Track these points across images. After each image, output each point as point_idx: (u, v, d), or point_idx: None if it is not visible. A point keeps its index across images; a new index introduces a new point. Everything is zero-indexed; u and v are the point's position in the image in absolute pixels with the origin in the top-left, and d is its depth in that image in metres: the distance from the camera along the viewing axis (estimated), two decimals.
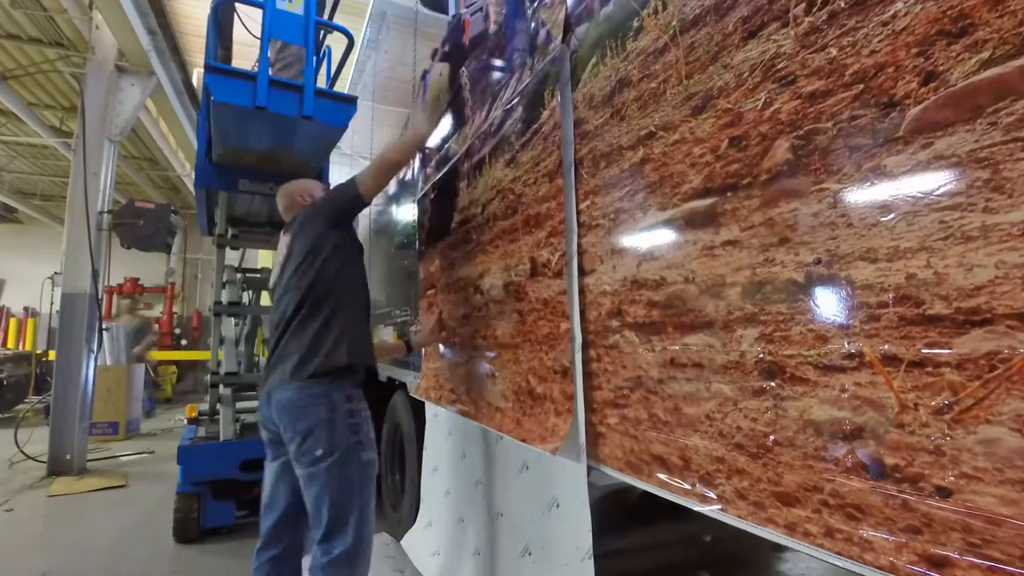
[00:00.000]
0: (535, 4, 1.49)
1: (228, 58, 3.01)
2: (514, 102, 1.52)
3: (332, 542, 1.33)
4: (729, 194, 0.81)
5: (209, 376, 3.09)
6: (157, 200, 7.28)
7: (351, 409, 1.44)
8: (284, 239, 1.67)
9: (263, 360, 3.88)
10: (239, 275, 3.58)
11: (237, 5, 2.49)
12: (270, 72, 2.26)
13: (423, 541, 2.01)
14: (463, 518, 1.76)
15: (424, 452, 2.16)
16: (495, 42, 1.77)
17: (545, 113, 1.33)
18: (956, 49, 0.54)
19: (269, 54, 2.27)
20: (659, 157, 0.96)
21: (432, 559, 1.88)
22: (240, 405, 3.28)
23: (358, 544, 1.34)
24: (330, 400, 1.41)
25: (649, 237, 0.98)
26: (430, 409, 2.12)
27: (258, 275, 3.92)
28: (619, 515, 1.53)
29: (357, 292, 1.61)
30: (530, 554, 1.37)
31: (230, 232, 3.25)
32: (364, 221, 3.73)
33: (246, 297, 4.07)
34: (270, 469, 1.55)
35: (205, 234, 3.24)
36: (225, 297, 3.22)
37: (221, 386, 3.01)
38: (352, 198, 1.58)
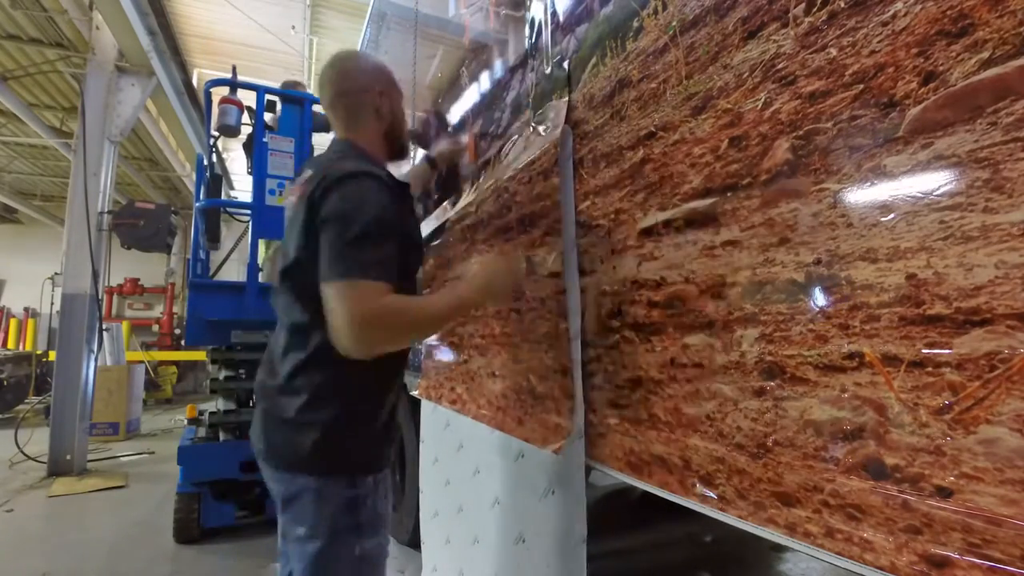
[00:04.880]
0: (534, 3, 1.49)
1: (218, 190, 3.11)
2: (519, 104, 1.52)
3: None
4: (729, 194, 0.81)
5: (209, 382, 3.10)
6: (157, 200, 7.30)
7: (354, 492, 1.00)
8: (296, 191, 1.07)
9: None
10: None
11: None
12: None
13: (435, 530, 2.01)
14: (462, 507, 1.77)
15: (422, 444, 2.17)
16: (496, 42, 1.77)
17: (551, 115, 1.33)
18: (956, 49, 0.54)
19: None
20: (659, 157, 0.96)
21: (446, 548, 1.88)
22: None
23: None
24: (324, 488, 0.99)
25: (649, 237, 0.98)
26: (427, 403, 2.12)
27: None
28: (619, 515, 1.52)
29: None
30: (524, 541, 1.36)
31: None
32: None
33: None
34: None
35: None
36: None
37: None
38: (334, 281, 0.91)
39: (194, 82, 5.98)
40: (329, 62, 1.15)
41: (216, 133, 2.94)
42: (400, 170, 1.43)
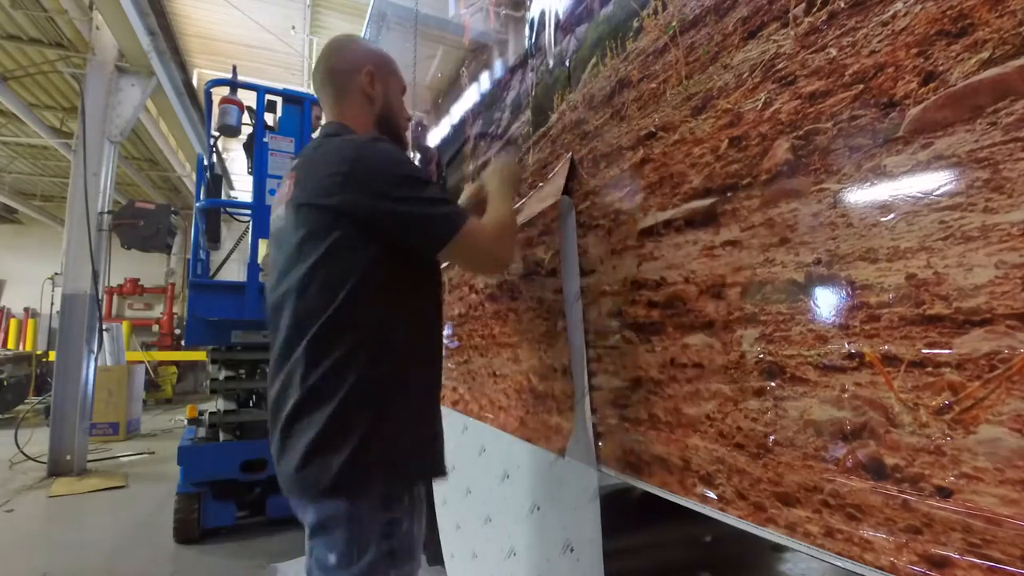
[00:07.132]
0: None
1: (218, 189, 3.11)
2: (519, 104, 1.52)
3: None
4: (729, 194, 0.81)
5: (209, 382, 3.10)
6: (157, 201, 7.30)
7: (389, 516, 0.91)
8: (288, 182, 1.01)
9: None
10: None
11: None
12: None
13: (457, 544, 1.94)
14: (490, 517, 1.70)
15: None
16: (496, 41, 1.77)
17: (553, 117, 1.33)
18: (956, 49, 0.54)
19: None
20: (659, 157, 0.96)
21: (473, 562, 1.82)
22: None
23: None
24: (357, 511, 0.90)
25: (649, 237, 0.98)
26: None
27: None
28: (619, 515, 1.50)
29: (421, 351, 1.01)
30: (572, 550, 1.30)
31: None
32: None
33: None
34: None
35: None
36: None
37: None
38: (443, 231, 0.95)
39: (194, 82, 5.98)
40: (326, 43, 1.16)
41: (216, 133, 2.95)
42: None
